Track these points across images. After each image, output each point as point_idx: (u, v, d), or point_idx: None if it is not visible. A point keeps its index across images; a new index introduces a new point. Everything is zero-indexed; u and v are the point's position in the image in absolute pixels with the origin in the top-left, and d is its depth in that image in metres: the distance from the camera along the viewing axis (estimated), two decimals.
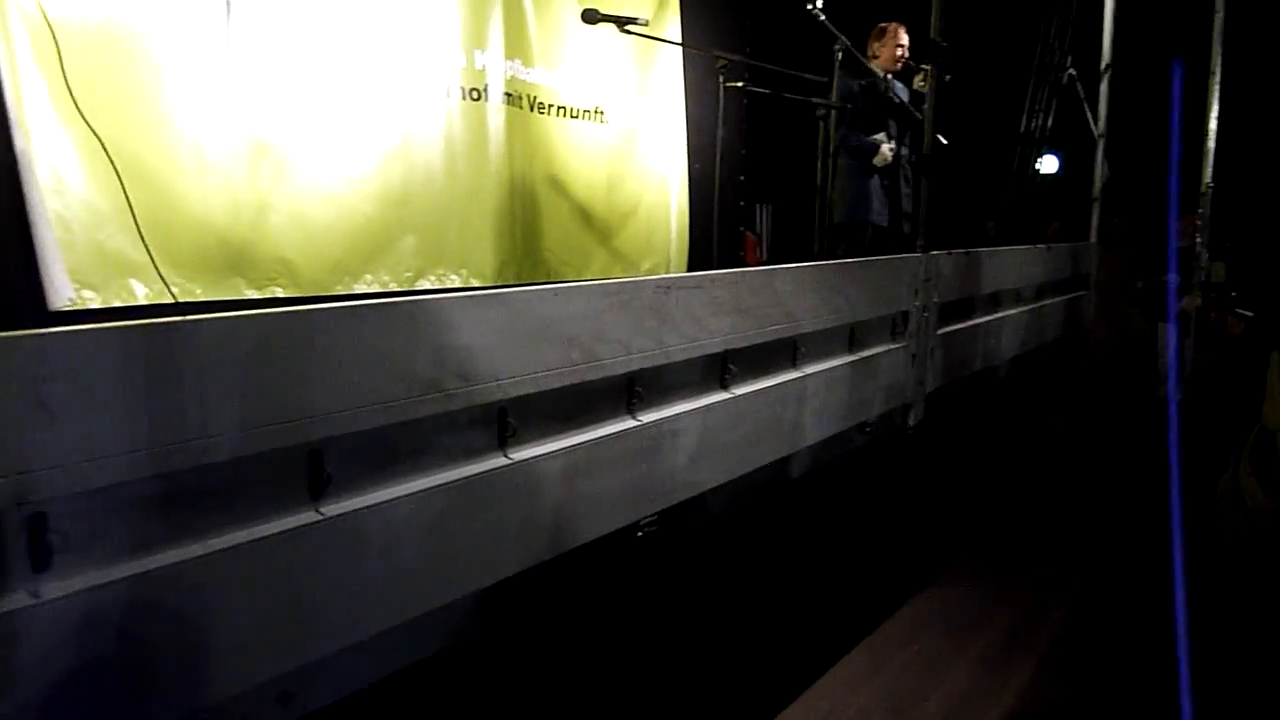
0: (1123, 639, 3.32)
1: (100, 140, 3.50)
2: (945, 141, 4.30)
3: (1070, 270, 6.19)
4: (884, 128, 5.01)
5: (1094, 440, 5.92)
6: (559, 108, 5.57)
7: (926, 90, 4.85)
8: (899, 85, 5.16)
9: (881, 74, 5.11)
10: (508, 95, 5.18)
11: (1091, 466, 5.40)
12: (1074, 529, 4.41)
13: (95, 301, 3.62)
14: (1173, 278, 7.28)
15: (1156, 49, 7.17)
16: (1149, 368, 7.06)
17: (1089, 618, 3.51)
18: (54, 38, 3.36)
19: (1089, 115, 6.53)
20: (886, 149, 5.03)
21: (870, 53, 5.21)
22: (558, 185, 5.62)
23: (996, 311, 4.89)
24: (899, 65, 5.14)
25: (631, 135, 6.09)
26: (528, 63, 5.32)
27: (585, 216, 5.84)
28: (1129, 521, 4.42)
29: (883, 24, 5.20)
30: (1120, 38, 6.46)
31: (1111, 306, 7.45)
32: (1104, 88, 6.46)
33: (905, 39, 5.08)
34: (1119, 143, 6.92)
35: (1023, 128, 9.43)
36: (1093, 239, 6.60)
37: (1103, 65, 6.45)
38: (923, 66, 4.94)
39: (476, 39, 4.98)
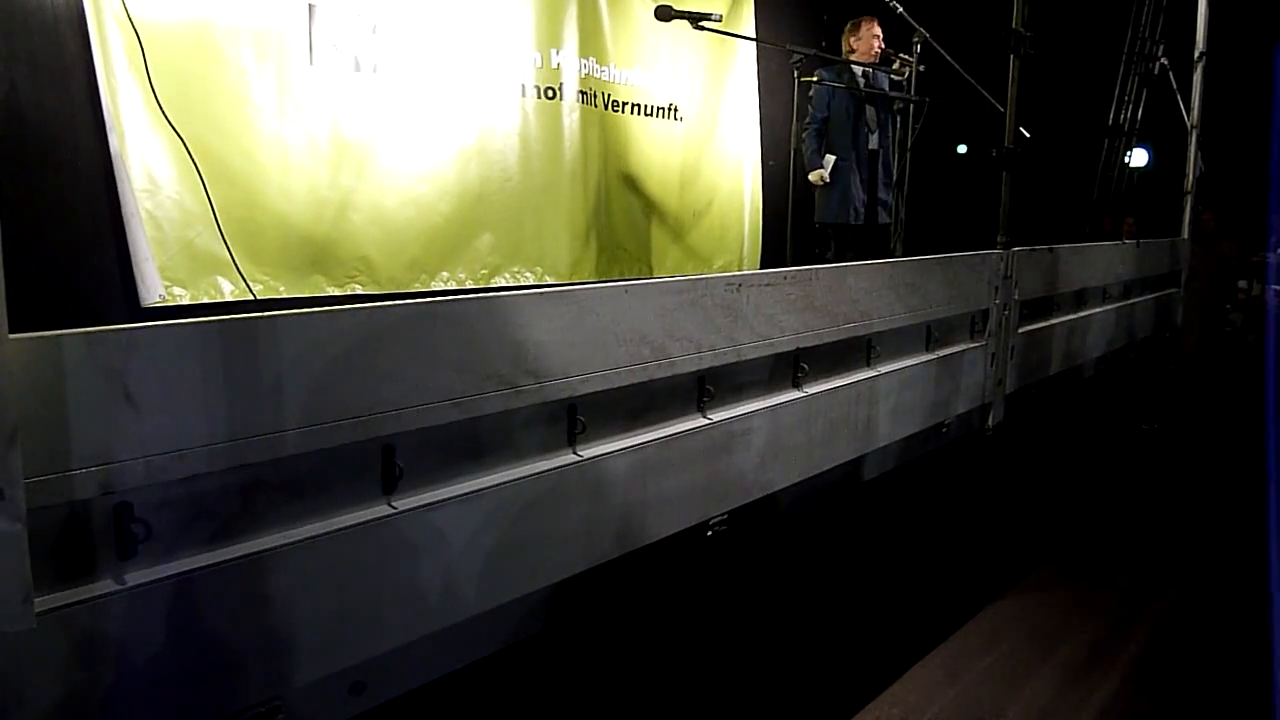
0: (1212, 652, 3.18)
1: (184, 141, 3.60)
2: (1028, 135, 4.17)
3: (1161, 267, 5.96)
4: (860, 123, 5.00)
5: (1184, 444, 5.70)
6: (633, 105, 5.58)
7: (905, 78, 4.85)
8: (880, 75, 5.12)
9: (860, 68, 5.07)
10: (582, 93, 5.20)
11: (1181, 471, 5.20)
12: (1162, 536, 4.25)
13: (185, 298, 3.74)
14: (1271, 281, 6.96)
15: (1254, 36, 6.87)
16: (1249, 371, 6.77)
17: (1177, 629, 3.38)
18: (139, 41, 3.47)
19: (1182, 106, 6.28)
20: (818, 175, 5.03)
21: (846, 47, 5.18)
22: (631, 183, 5.63)
23: (1081, 310, 4.73)
24: (876, 56, 5.11)
25: (705, 132, 6.07)
26: (602, 61, 5.34)
27: (659, 214, 5.84)
28: (1220, 529, 4.24)
29: (854, 18, 5.18)
30: (1215, 24, 6.19)
31: (1202, 305, 7.16)
32: (1197, 77, 6.21)
33: (879, 29, 5.09)
34: (1213, 135, 6.64)
35: (1111, 120, 9.13)
36: (1185, 235, 6.35)
37: (1196, 54, 6.20)
38: (900, 55, 4.97)
39: (551, 38, 5.02)
